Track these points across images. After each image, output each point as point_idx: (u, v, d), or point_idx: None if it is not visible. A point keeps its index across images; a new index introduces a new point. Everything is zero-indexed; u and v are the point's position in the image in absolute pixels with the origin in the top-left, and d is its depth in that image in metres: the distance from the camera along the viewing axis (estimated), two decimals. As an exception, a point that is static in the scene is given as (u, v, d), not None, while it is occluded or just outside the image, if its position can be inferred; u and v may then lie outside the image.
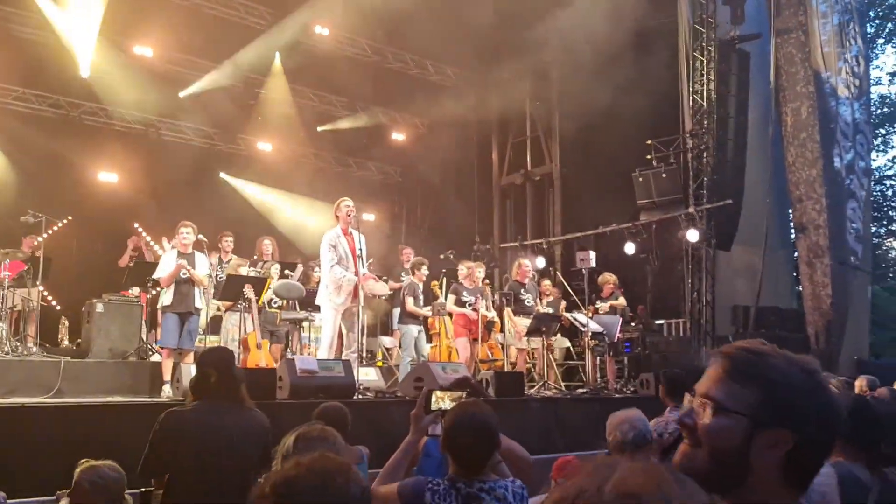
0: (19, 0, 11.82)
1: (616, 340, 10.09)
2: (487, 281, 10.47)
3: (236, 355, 8.38)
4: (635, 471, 0.87)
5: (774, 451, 1.19)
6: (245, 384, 3.75)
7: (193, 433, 3.44)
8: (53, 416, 5.46)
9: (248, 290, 8.30)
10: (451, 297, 9.50)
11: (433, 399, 3.09)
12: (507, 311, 9.83)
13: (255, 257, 10.15)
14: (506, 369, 9.40)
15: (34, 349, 8.88)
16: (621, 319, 10.24)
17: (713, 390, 1.27)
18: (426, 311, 9.68)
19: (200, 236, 8.82)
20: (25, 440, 4.99)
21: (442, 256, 11.57)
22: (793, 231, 14.59)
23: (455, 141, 15.45)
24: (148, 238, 12.00)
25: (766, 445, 1.20)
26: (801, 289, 14.54)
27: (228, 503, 3.22)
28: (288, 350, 9.47)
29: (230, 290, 8.50)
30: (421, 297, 9.87)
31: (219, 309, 9.10)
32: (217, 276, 8.92)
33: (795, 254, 15.03)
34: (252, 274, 9.14)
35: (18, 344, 8.83)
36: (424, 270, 10.10)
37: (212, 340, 8.89)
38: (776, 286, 13.95)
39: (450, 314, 9.50)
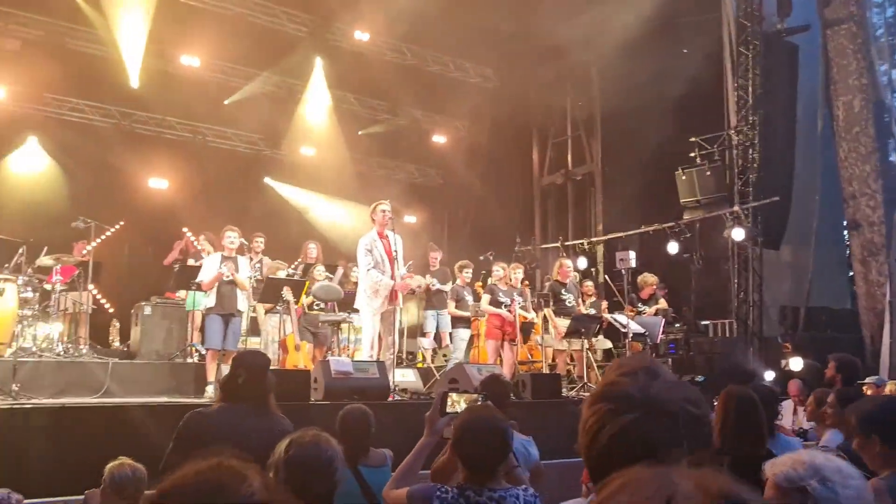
0: (73, 15, 12.21)
1: (658, 342, 9.95)
2: (527, 282, 10.43)
3: (276, 357, 8.57)
4: (708, 475, 0.80)
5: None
6: (274, 391, 3.76)
7: (215, 434, 3.47)
8: (93, 416, 5.64)
9: (287, 293, 8.42)
10: (486, 297, 9.49)
11: (448, 402, 3.10)
12: (548, 311, 9.78)
13: (299, 260, 10.30)
14: (545, 371, 9.35)
15: (85, 350, 9.16)
16: (663, 320, 10.09)
17: None
18: (465, 313, 9.70)
19: (251, 244, 9.03)
20: (65, 439, 5.16)
21: (482, 258, 11.58)
22: (846, 228, 14.17)
23: (495, 142, 15.44)
24: (195, 240, 12.23)
25: None
26: (854, 288, 14.10)
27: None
28: (329, 352, 9.60)
29: (269, 292, 8.65)
30: (467, 299, 9.90)
31: (254, 310, 9.24)
32: (252, 276, 9.05)
33: (848, 252, 14.59)
34: (290, 276, 9.29)
35: (71, 346, 9.12)
36: (467, 273, 10.12)
37: (252, 342, 9.06)
38: (828, 286, 13.57)
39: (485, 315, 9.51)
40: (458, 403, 3.12)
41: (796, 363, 10.30)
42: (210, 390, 7.74)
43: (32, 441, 5.15)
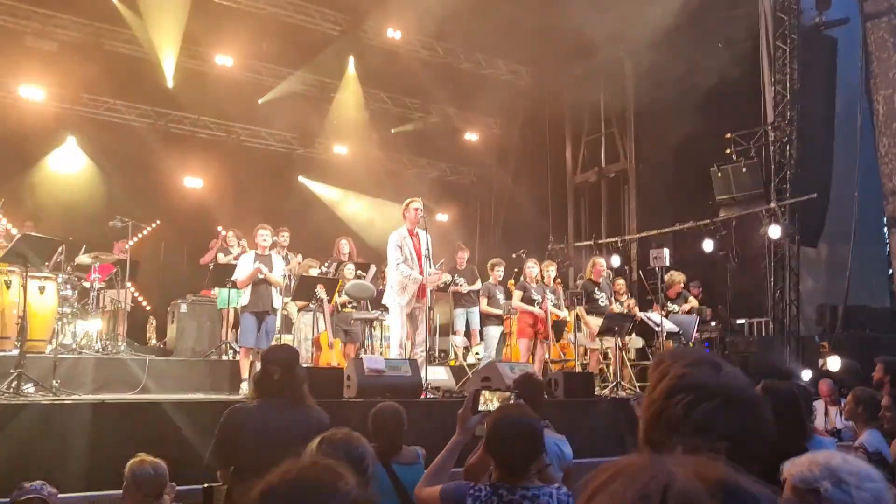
0: (109, 16, 12.42)
1: (693, 341, 9.83)
2: (559, 280, 10.37)
3: (309, 354, 8.63)
4: (705, 463, 0.78)
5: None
6: (307, 382, 3.82)
7: (255, 429, 3.53)
8: (132, 412, 5.73)
9: (321, 291, 8.47)
10: (518, 294, 9.45)
11: (481, 399, 3.09)
12: (580, 310, 9.72)
13: (333, 258, 10.36)
14: (577, 370, 9.30)
15: (123, 347, 9.31)
16: (698, 319, 9.97)
17: None
18: (497, 310, 9.68)
19: (276, 238, 9.11)
20: (103, 435, 5.24)
21: (514, 255, 11.54)
22: (885, 225, 13.85)
23: (528, 139, 15.38)
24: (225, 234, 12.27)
25: None
26: (894, 287, 13.79)
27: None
28: (362, 349, 9.65)
29: (302, 290, 8.71)
30: (499, 297, 9.88)
31: (285, 308, 9.28)
32: (285, 275, 9.10)
33: (888, 249, 14.27)
34: (324, 274, 9.35)
35: (109, 343, 9.28)
36: (499, 271, 10.10)
37: (286, 340, 9.13)
38: (868, 284, 13.28)
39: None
40: (490, 401, 3.10)
41: (834, 363, 10.11)
42: (244, 387, 7.80)
43: (71, 436, 5.25)
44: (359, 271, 10.07)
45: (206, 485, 4.27)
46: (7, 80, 12.10)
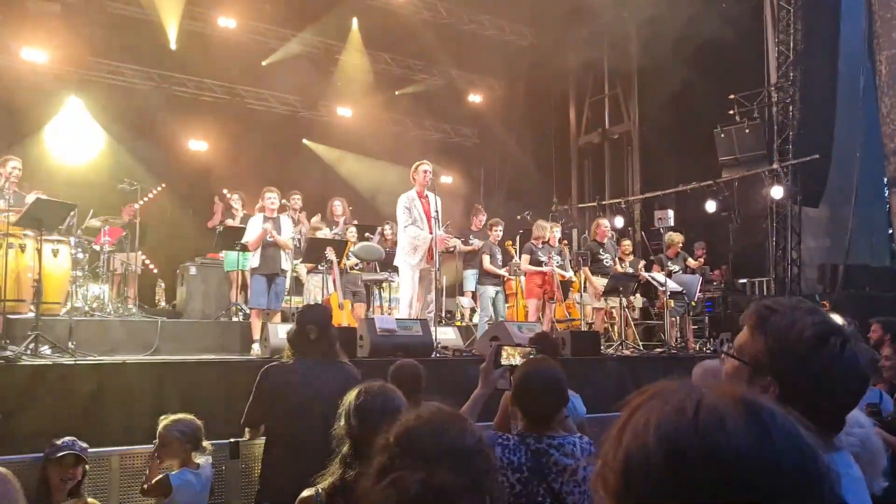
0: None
1: (696, 300, 9.96)
2: (565, 241, 10.46)
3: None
4: (729, 384, 0.90)
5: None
6: (340, 340, 3.95)
7: (296, 384, 3.66)
8: (153, 371, 5.87)
9: (330, 252, 8.55)
10: (525, 257, 9.56)
11: (503, 355, 3.21)
12: (585, 270, 9.84)
13: (328, 218, 10.38)
14: (583, 329, 9.44)
15: (134, 310, 9.44)
16: (701, 279, 10.09)
17: (736, 339, 1.51)
18: (503, 271, 9.79)
19: (284, 201, 9.16)
20: (123, 394, 5.38)
21: (519, 217, 11.61)
22: (886, 185, 13.93)
23: (531, 101, 15.34)
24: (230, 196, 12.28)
25: (759, 390, 1.33)
26: (894, 246, 13.93)
27: (325, 453, 3.38)
28: (370, 310, 9.77)
29: (312, 252, 8.78)
30: (499, 257, 9.97)
31: (295, 270, 9.33)
32: (295, 237, 9.10)
33: (888, 209, 14.37)
34: (332, 236, 9.42)
35: (120, 305, 9.40)
36: (498, 231, 10.17)
37: (296, 301, 9.24)
38: (868, 244, 13.41)
39: (524, 274, 9.59)
40: (512, 356, 3.21)
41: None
42: (256, 348, 7.88)
43: (95, 395, 5.37)
44: (366, 233, 10.14)
45: (232, 439, 4.42)
46: (10, 43, 12.02)
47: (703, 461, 0.75)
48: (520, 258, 9.87)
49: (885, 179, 13.92)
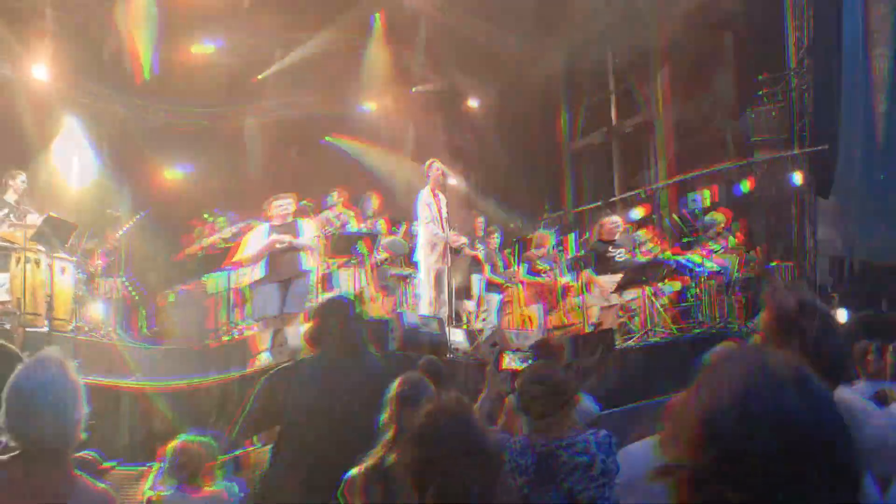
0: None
1: (733, 280, 9.78)
2: (556, 249, 10.33)
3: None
4: (791, 355, 1.12)
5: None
6: (363, 331, 3.80)
7: (319, 381, 3.50)
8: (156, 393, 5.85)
9: (361, 246, 8.46)
10: (524, 267, 9.48)
11: (504, 360, 3.25)
12: (586, 272, 9.45)
13: (371, 213, 10.12)
14: (588, 332, 9.19)
15: (121, 334, 9.35)
16: (738, 259, 9.94)
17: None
18: (500, 278, 9.71)
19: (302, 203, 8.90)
20: (120, 417, 5.38)
21: (512, 225, 11.45)
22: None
23: (522, 109, 15.08)
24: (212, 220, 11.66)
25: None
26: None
27: (354, 447, 3.03)
28: (399, 304, 9.61)
29: (341, 245, 8.65)
30: (500, 265, 9.91)
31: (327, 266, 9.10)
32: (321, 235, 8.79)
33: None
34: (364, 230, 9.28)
35: (111, 329, 9.29)
36: (496, 238, 10.10)
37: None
38: (878, 236, 13.17)
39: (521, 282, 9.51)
40: (513, 361, 3.26)
41: (842, 314, 10.08)
42: (263, 358, 7.51)
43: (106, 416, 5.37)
44: (393, 227, 10.02)
45: (237, 452, 4.34)
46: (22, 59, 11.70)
47: (768, 417, 0.96)
48: (520, 265, 9.79)
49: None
